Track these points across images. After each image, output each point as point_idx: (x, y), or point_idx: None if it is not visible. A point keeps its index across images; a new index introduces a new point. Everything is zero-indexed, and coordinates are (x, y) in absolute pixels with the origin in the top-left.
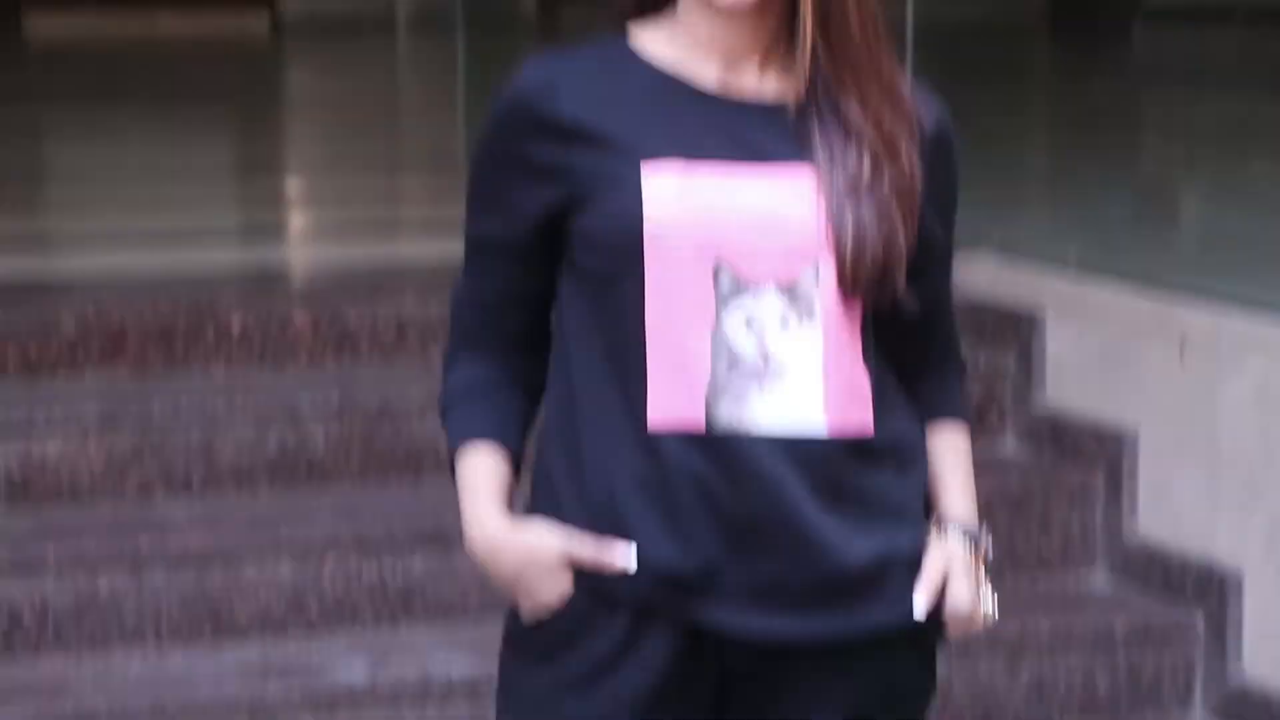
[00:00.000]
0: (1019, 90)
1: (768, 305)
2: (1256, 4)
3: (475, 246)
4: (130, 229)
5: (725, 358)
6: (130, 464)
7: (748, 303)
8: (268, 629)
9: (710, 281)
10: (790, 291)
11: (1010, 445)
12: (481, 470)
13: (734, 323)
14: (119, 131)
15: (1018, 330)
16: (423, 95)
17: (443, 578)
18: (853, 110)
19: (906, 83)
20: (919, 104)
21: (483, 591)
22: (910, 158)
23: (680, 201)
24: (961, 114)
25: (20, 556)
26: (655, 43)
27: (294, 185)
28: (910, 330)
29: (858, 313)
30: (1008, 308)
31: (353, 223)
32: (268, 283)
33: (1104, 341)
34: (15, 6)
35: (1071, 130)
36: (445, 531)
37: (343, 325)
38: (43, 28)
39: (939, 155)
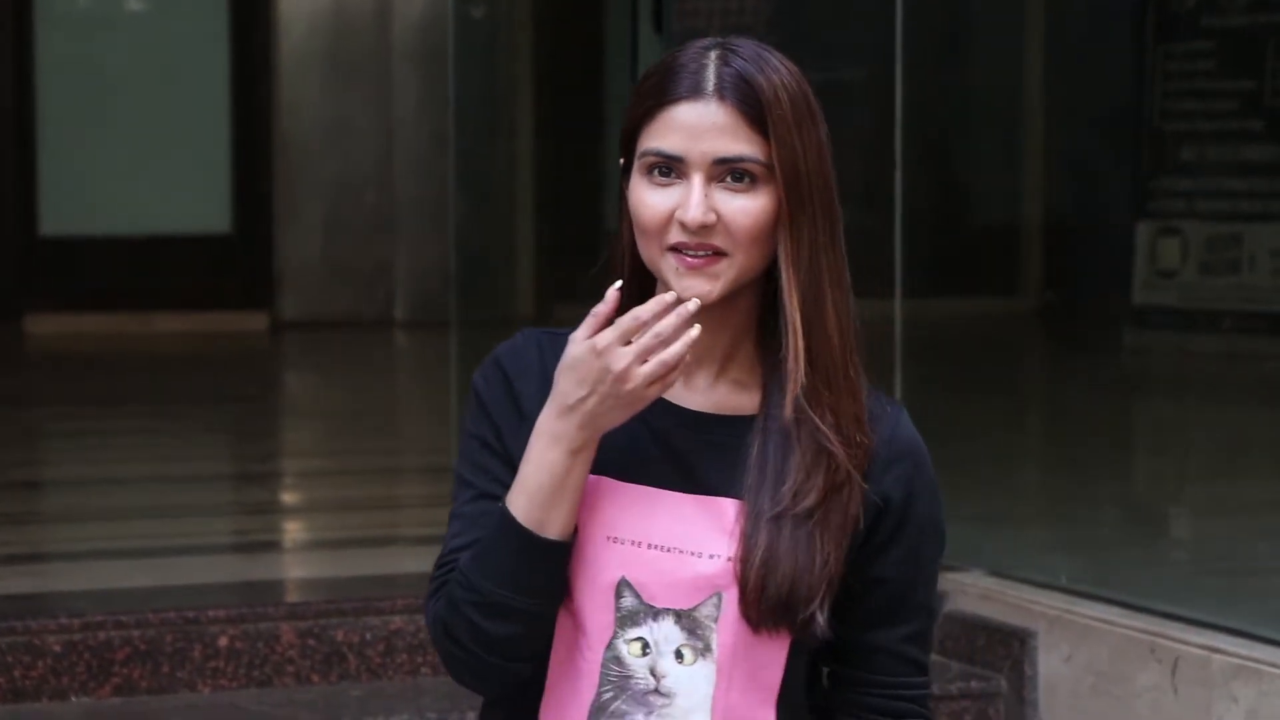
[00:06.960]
0: (1008, 395)
1: (665, 632)
2: (1244, 310)
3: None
4: (121, 544)
5: (614, 678)
6: None
7: (646, 626)
8: None
9: (611, 597)
10: (689, 619)
11: None
12: None
13: (629, 644)
14: (114, 435)
15: (1010, 650)
16: (417, 396)
17: None
18: (818, 430)
19: (868, 394)
20: (887, 419)
21: None
22: (856, 486)
23: (595, 519)
24: (951, 426)
25: None
26: None
27: (287, 495)
28: (847, 673)
29: (778, 648)
30: (998, 626)
31: (344, 535)
32: (255, 596)
33: (1095, 663)
34: (18, 309)
35: (1064, 440)
36: None
37: (330, 642)
38: (41, 326)
39: (902, 475)
